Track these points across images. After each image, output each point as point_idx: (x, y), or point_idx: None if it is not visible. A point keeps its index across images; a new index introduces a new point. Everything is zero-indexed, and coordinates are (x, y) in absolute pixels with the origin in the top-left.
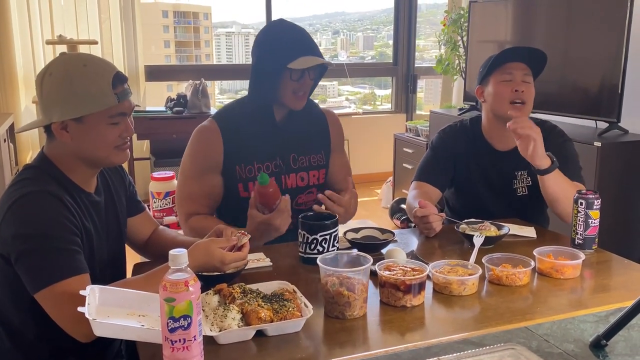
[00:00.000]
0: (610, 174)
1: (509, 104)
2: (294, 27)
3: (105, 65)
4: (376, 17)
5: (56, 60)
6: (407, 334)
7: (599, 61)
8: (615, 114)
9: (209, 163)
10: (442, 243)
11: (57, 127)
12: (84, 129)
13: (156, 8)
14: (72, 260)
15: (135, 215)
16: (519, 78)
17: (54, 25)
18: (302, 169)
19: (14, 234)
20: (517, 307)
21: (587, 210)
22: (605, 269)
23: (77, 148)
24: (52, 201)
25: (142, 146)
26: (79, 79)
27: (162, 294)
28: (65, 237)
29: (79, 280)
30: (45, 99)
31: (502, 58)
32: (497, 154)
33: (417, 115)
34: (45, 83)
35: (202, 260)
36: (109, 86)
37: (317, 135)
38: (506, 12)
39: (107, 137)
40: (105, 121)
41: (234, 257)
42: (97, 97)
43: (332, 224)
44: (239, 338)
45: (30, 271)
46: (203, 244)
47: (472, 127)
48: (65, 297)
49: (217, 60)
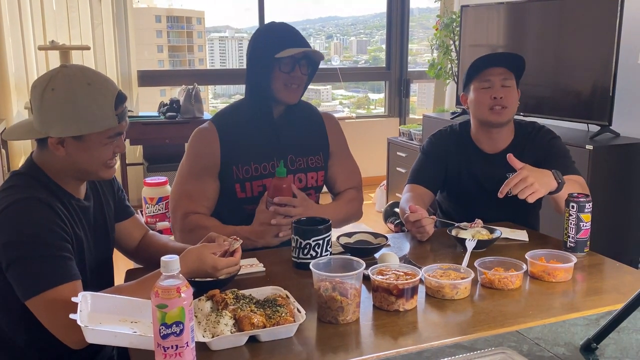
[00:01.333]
0: (602, 177)
1: (488, 110)
2: (284, 25)
3: (108, 84)
4: (369, 22)
5: (59, 74)
6: (400, 338)
7: (590, 65)
8: (607, 117)
9: (207, 164)
10: (434, 247)
11: (53, 141)
12: (82, 147)
13: (149, 13)
14: (63, 267)
15: (124, 220)
16: (497, 84)
17: (46, 31)
18: (300, 170)
19: (5, 242)
20: (509, 310)
21: (578, 214)
22: (597, 272)
23: (69, 162)
24: (42, 208)
25: (135, 151)
26: (83, 99)
27: (154, 300)
28: (56, 244)
29: (71, 287)
30: (45, 113)
31: (479, 65)
32: (487, 157)
33: (410, 119)
34: (46, 97)
35: (194, 265)
36: (112, 108)
37: (315, 137)
38: (498, 17)
39: (102, 155)
40: (104, 141)
41: (226, 262)
42: (99, 119)
43: (324, 228)
44: (232, 344)
45: (22, 278)
46: (195, 250)
47: (462, 132)
48: (58, 304)
49: (211, 65)
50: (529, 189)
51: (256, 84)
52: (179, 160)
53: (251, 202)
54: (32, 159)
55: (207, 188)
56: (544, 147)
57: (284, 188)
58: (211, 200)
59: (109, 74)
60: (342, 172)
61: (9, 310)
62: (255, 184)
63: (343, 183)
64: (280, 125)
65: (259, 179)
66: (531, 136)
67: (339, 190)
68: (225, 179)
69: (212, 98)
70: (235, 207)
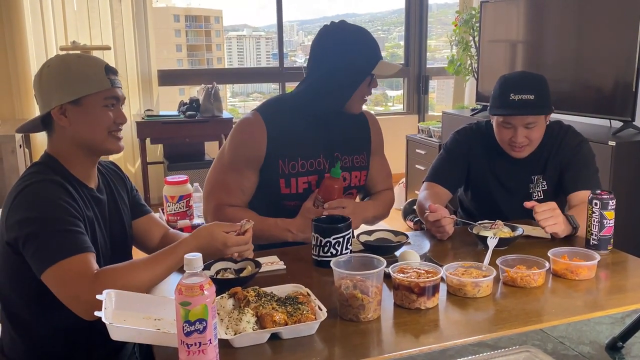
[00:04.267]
0: (625, 173)
1: (508, 146)
2: (368, 33)
3: (97, 58)
4: (387, 18)
5: (52, 58)
6: (422, 336)
7: (612, 60)
8: (630, 112)
9: (251, 156)
10: (455, 245)
11: (56, 112)
12: (82, 112)
13: (168, 12)
14: (75, 239)
15: (140, 217)
16: (520, 127)
17: (67, 32)
18: (345, 169)
19: (20, 219)
20: (532, 308)
21: (601, 211)
22: (621, 269)
23: (75, 133)
24: (55, 188)
25: (156, 150)
26: (75, 64)
27: (177, 297)
28: (68, 219)
29: (83, 258)
30: (44, 88)
31: (502, 106)
32: (512, 160)
33: (429, 116)
34: (43, 75)
35: (205, 241)
36: (103, 71)
37: (360, 136)
38: (517, 12)
39: (103, 119)
40: (101, 103)
41: (236, 240)
42: (93, 79)
43: (345, 226)
44: (254, 341)
45: (37, 252)
46: (207, 227)
47: (488, 131)
48: (68, 275)
49: (229, 63)
50: (553, 219)
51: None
52: (199, 158)
53: (294, 198)
54: (46, 151)
55: (246, 182)
56: (570, 151)
57: (335, 189)
58: (247, 193)
59: (130, 73)
60: (381, 172)
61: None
62: (301, 181)
63: (381, 184)
64: (326, 122)
65: (304, 176)
66: (558, 138)
67: (376, 191)
68: (269, 173)
69: (231, 97)
70: (275, 202)
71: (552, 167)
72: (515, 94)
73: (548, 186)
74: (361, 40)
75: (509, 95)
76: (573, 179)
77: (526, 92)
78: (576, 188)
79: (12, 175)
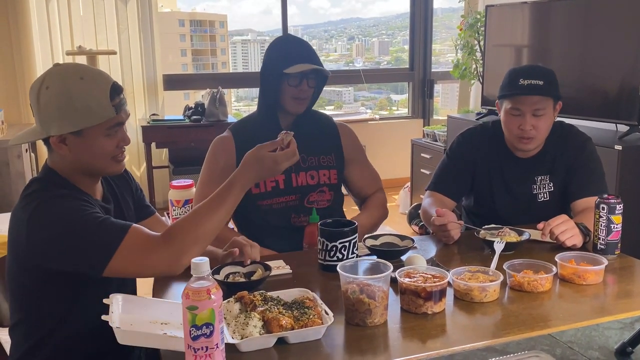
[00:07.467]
0: (631, 177)
1: (516, 137)
2: (296, 39)
3: (102, 77)
4: (391, 22)
5: (51, 72)
6: (429, 341)
7: (618, 63)
8: (636, 116)
9: (224, 166)
10: (462, 249)
11: (55, 140)
12: (83, 142)
13: (172, 17)
14: (114, 223)
15: (145, 219)
16: (528, 114)
17: (73, 36)
18: (312, 167)
19: (48, 239)
20: (539, 313)
21: (609, 215)
22: (629, 274)
23: (75, 160)
24: (66, 200)
25: (161, 154)
26: (77, 93)
27: (184, 302)
28: (94, 214)
29: (135, 231)
30: (43, 112)
31: (512, 87)
32: (518, 161)
33: (434, 120)
34: (42, 96)
35: (256, 168)
36: (107, 99)
37: (326, 138)
38: (523, 16)
39: (105, 148)
40: (103, 133)
41: (284, 154)
42: (96, 111)
43: (351, 231)
44: (261, 345)
45: (84, 258)
46: (251, 154)
47: (495, 131)
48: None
49: (234, 68)
50: (569, 231)
51: (266, 96)
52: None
53: (264, 197)
54: (47, 163)
55: None
56: (575, 150)
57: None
58: None
59: (135, 78)
60: (366, 178)
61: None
62: (268, 180)
63: (368, 188)
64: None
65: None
66: (563, 136)
67: (366, 195)
68: None
69: (235, 101)
70: (249, 203)
71: (559, 167)
72: (524, 79)
73: (554, 187)
74: (277, 46)
75: (518, 81)
76: (579, 185)
77: (535, 78)
78: (582, 194)
79: (18, 180)
